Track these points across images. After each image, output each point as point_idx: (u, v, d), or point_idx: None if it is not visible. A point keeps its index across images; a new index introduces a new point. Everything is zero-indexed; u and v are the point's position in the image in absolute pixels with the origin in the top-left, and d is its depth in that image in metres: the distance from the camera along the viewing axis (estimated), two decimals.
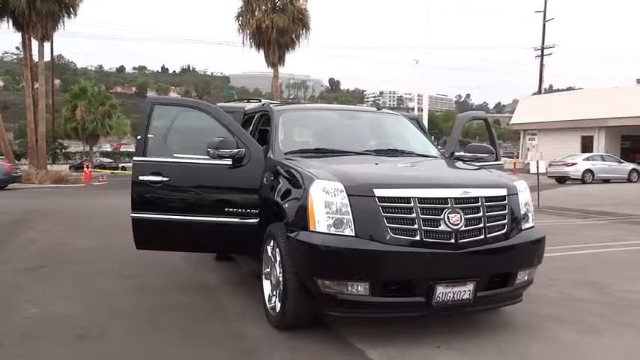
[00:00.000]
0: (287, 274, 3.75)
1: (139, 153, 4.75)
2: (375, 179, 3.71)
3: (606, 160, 25.01)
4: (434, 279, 3.50)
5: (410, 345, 3.68)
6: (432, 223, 3.52)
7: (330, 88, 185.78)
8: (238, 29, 29.83)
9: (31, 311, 4.56)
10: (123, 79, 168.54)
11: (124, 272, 6.01)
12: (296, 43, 29.77)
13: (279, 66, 29.97)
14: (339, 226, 3.49)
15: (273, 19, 28.27)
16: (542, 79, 46.44)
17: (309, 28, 29.88)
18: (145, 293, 5.12)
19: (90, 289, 5.29)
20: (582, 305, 4.66)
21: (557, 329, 4.04)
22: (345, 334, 3.89)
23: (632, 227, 9.80)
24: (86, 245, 7.81)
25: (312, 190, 3.58)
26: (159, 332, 4.05)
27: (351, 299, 3.51)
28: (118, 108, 45.66)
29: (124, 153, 55.89)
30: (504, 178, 4.16)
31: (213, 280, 5.64)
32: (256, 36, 29.03)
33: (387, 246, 3.44)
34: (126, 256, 6.89)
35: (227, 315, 4.48)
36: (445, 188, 3.68)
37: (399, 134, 5.23)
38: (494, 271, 3.73)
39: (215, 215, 4.56)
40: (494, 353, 3.59)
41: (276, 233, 3.96)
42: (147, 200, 4.69)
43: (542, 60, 45.62)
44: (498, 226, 3.73)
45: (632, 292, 5.13)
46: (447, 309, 3.66)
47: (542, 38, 45.30)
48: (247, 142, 4.57)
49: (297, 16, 29.07)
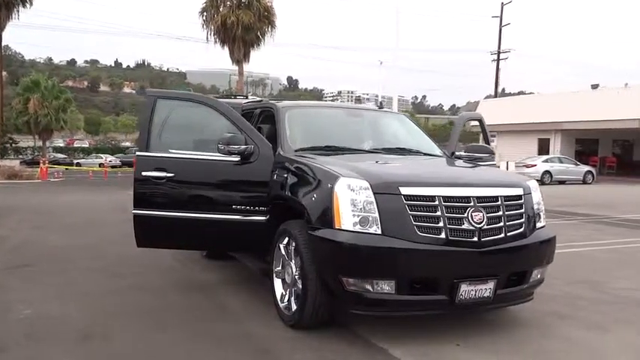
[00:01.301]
0: (307, 273, 3.70)
1: (141, 148, 4.58)
2: (400, 177, 3.71)
3: (563, 162, 25.94)
4: (458, 277, 3.53)
5: (429, 343, 3.70)
6: (456, 221, 3.54)
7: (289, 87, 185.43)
8: (202, 25, 29.28)
9: (25, 312, 4.35)
10: (74, 73, 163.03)
11: (112, 271, 5.81)
12: (261, 40, 29.49)
13: (244, 63, 29.66)
14: (364, 224, 3.47)
15: (239, 15, 27.90)
16: (498, 82, 47.73)
17: (274, 25, 29.67)
18: (142, 293, 4.96)
19: (81, 288, 5.09)
20: (582, 303, 4.78)
21: (565, 326, 4.13)
22: (361, 332, 3.88)
23: (600, 227, 10.17)
24: (63, 243, 7.51)
25: (337, 188, 3.54)
26: (165, 332, 3.93)
27: (376, 297, 3.49)
28: (73, 102, 44.06)
29: (77, 149, 54.11)
30: (519, 178, 4.23)
31: (210, 278, 5.51)
32: (221, 32, 28.56)
33: (415, 244, 3.44)
34: (109, 255, 6.70)
35: (233, 314, 4.38)
36: (468, 187, 3.71)
37: (403, 133, 5.25)
38: (512, 269, 3.78)
39: (222, 212, 4.46)
40: (512, 351, 3.64)
41: (293, 231, 3.90)
42: (150, 197, 4.55)
43: (499, 64, 46.87)
44: (516, 225, 3.79)
45: (625, 289, 5.31)
46: (469, 307, 3.70)
47: (499, 43, 46.51)
48: (255, 138, 4.49)
49: (263, 13, 28.79)
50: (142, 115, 4.76)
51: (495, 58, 47.24)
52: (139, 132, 4.66)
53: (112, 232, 8.48)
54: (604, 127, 27.64)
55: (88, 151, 50.51)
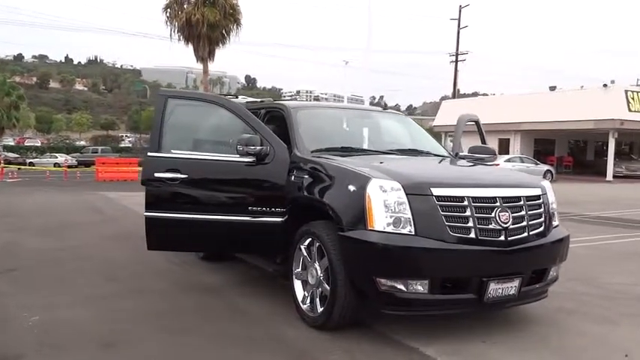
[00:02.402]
0: (336, 274, 3.69)
1: (152, 148, 4.48)
2: (431, 178, 3.75)
3: (524, 161, 26.79)
4: (487, 276, 3.60)
5: (456, 341, 3.76)
6: (484, 221, 3.62)
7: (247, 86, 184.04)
8: (166, 21, 28.65)
9: (33, 318, 4.16)
10: (22, 68, 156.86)
11: (106, 274, 5.63)
12: (227, 38, 29.12)
13: (209, 61, 29.22)
14: (397, 225, 3.49)
15: (204, 12, 27.46)
16: (456, 83, 48.86)
17: (240, 23, 29.31)
18: (147, 296, 4.84)
19: (81, 292, 4.92)
20: (585, 299, 4.95)
21: (577, 322, 4.27)
22: (387, 332, 3.90)
23: (573, 224, 10.53)
24: (44, 246, 7.22)
25: (369, 189, 3.55)
26: (189, 336, 3.85)
27: (409, 297, 3.52)
28: (25, 99, 42.44)
29: (30, 148, 52.05)
30: (536, 178, 4.35)
31: (214, 280, 5.41)
32: (185, 29, 28.06)
33: (448, 244, 3.49)
34: (96, 257, 6.49)
35: (251, 316, 4.33)
36: (493, 188, 3.80)
37: (410, 134, 5.32)
38: (535, 267, 3.89)
39: (237, 214, 4.40)
40: (536, 347, 3.72)
41: (318, 232, 3.88)
42: (163, 198, 4.44)
43: (457, 66, 47.97)
44: (537, 224, 3.90)
45: (618, 284, 5.54)
46: (495, 305, 3.78)
47: (457, 45, 47.63)
48: (270, 139, 4.44)
49: (229, 11, 28.44)
50: (153, 115, 4.64)
51: (454, 59, 48.46)
52: (150, 132, 4.54)
53: (90, 234, 8.23)
54: (561, 127, 28.67)
55: (42, 150, 48.65)
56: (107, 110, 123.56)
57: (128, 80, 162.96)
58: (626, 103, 27.08)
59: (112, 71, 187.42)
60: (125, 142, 70.89)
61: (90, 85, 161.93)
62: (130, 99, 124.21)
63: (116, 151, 48.99)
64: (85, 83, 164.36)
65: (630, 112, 27.05)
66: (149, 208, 4.42)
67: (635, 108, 27.43)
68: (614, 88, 27.74)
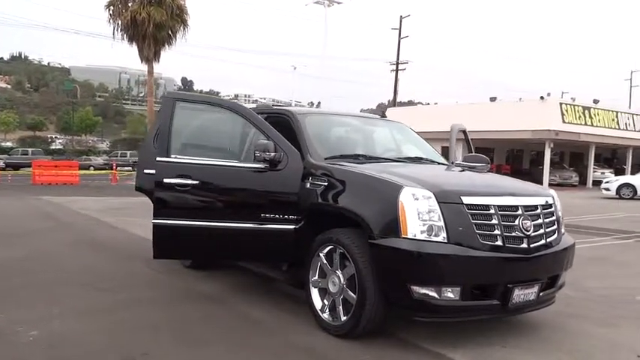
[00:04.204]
0: (364, 281, 3.67)
1: (162, 153, 4.30)
2: (460, 187, 3.82)
3: None
4: (512, 282, 3.70)
5: (478, 346, 3.83)
6: (509, 229, 3.72)
7: (183, 88, 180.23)
8: (109, 19, 27.66)
9: (31, 333, 3.88)
10: None
11: (90, 284, 5.31)
12: (173, 39, 28.45)
13: (154, 62, 28.38)
14: (431, 233, 3.53)
15: (151, 12, 26.67)
16: (396, 91, 50.05)
17: (186, 24, 28.70)
18: (147, 306, 4.62)
19: (72, 305, 4.61)
20: (577, 302, 5.15)
21: (580, 324, 4.44)
22: (409, 338, 3.92)
23: None
24: (4, 255, 6.69)
25: (402, 197, 3.57)
26: (209, 347, 3.73)
27: (441, 304, 3.56)
28: None
29: None
30: (545, 188, 4.51)
31: (212, 288, 5.21)
32: (130, 29, 27.16)
33: (479, 252, 3.56)
34: (69, 267, 6.13)
35: (267, 326, 4.21)
36: (515, 196, 3.91)
37: (412, 142, 5.39)
38: (550, 273, 4.03)
39: (249, 221, 4.31)
40: (552, 349, 3.85)
41: (342, 239, 3.85)
42: (173, 205, 4.27)
43: (397, 74, 49.18)
44: (552, 231, 4.04)
45: (597, 288, 5.80)
46: (517, 310, 3.89)
47: (397, 54, 48.86)
48: (283, 145, 4.37)
49: (176, 11, 27.81)
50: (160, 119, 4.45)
51: (394, 68, 49.67)
52: (159, 137, 4.35)
53: (52, 242, 7.76)
54: (501, 137, 29.90)
55: None
56: (34, 110, 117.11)
57: (56, 79, 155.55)
58: (560, 115, 28.67)
59: (38, 69, 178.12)
60: (56, 143, 67.55)
61: (14, 83, 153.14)
62: (58, 98, 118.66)
63: (47, 153, 46.75)
64: (7, 80, 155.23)
65: (564, 124, 28.67)
66: (158, 215, 4.24)
67: (569, 120, 29.11)
68: (550, 100, 29.29)
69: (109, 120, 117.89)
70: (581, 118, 29.93)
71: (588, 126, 30.37)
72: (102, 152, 55.64)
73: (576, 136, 29.40)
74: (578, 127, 29.60)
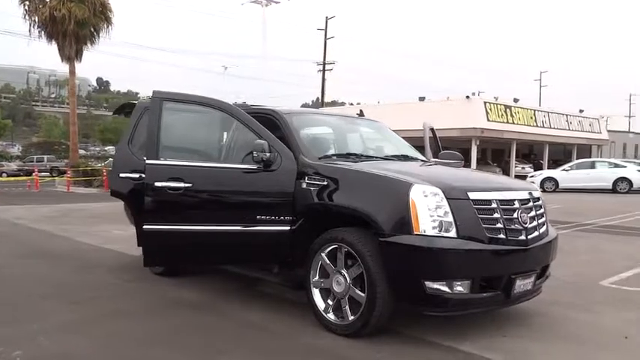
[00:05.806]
0: (375, 280, 3.67)
1: (151, 156, 4.08)
2: (465, 183, 3.91)
3: None
4: (514, 273, 3.84)
5: (482, 337, 3.95)
6: (509, 222, 3.86)
7: (99, 88, 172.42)
8: (24, 15, 25.99)
9: (16, 353, 3.56)
10: None
11: (64, 297, 4.97)
12: (96, 37, 27.17)
13: (76, 61, 26.97)
14: (441, 228, 3.59)
15: (71, 8, 25.31)
16: (324, 92, 50.57)
17: (110, 22, 27.48)
18: (136, 317, 4.39)
19: (52, 320, 4.29)
20: (552, 290, 5.35)
21: (564, 311, 4.65)
22: (416, 334, 3.98)
23: None
24: None
25: (412, 194, 3.60)
26: (224, 355, 3.60)
27: (453, 297, 3.63)
28: None
29: None
30: (529, 182, 4.69)
31: (196, 295, 5.01)
32: (49, 26, 25.65)
33: (486, 245, 3.67)
34: (27, 280, 5.70)
35: (273, 330, 4.11)
36: (511, 191, 4.06)
37: (393, 141, 5.45)
38: (543, 263, 4.23)
39: (244, 224, 4.20)
40: (552, 337, 4.03)
41: (348, 238, 3.83)
42: (165, 210, 4.08)
43: (324, 75, 49.70)
44: (542, 223, 4.24)
45: (570, 275, 6.03)
46: (517, 300, 4.04)
47: (324, 54, 49.32)
48: (276, 145, 4.28)
49: (99, 8, 26.56)
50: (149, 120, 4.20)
51: (321, 69, 50.15)
52: (147, 139, 4.12)
53: None
54: None
55: None
56: None
57: None
58: (485, 114, 30.11)
59: None
60: None
61: None
62: None
63: None
64: None
65: (489, 122, 30.14)
66: (149, 220, 4.03)
67: (493, 118, 30.63)
68: (475, 99, 30.72)
69: (18, 123, 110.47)
70: (503, 117, 31.59)
71: (510, 124, 32.12)
72: (14, 157, 52.08)
73: (500, 133, 31.03)
74: (501, 124, 31.22)
